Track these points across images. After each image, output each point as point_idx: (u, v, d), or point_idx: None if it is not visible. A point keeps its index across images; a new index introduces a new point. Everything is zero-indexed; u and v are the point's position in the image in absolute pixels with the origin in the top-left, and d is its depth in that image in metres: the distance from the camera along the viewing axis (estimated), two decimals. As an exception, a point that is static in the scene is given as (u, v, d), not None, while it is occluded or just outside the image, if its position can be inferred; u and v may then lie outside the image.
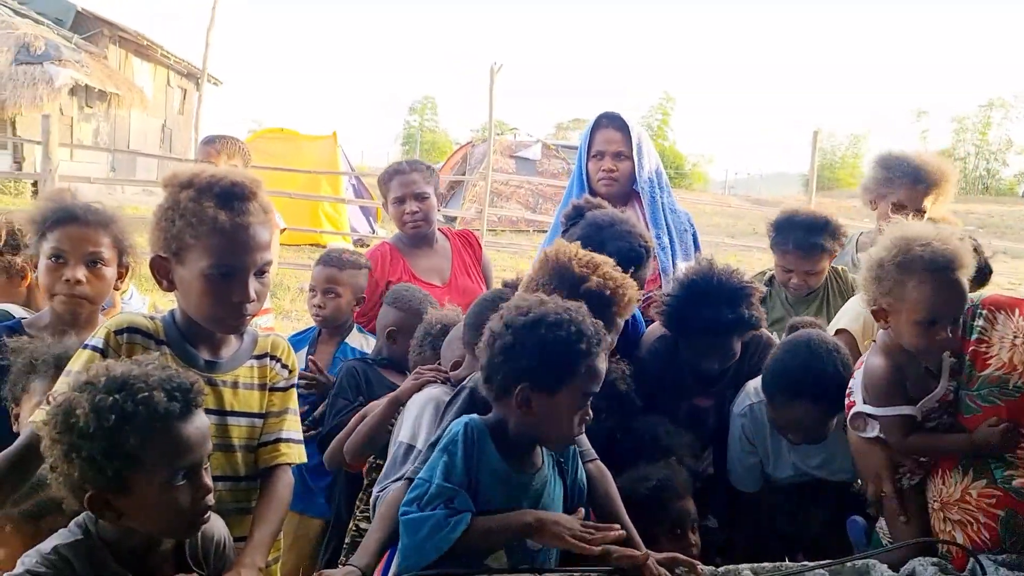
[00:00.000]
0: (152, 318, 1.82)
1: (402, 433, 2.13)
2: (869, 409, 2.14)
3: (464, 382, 2.01)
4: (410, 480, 1.78)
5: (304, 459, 1.92)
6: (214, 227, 1.70)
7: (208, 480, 1.48)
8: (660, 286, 2.95)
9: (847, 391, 2.24)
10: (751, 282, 2.47)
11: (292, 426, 1.90)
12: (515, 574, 1.70)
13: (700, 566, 1.77)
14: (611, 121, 3.21)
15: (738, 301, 2.34)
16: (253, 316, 1.79)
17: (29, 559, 1.42)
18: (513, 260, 11.71)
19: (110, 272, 2.22)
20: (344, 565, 1.68)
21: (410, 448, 2.06)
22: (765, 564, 1.85)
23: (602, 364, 1.72)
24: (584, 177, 3.24)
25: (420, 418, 2.09)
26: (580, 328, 1.68)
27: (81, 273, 2.15)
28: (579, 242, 2.36)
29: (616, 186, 3.17)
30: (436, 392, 2.17)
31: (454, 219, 13.78)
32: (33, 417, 1.66)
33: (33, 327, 2.22)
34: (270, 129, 14.71)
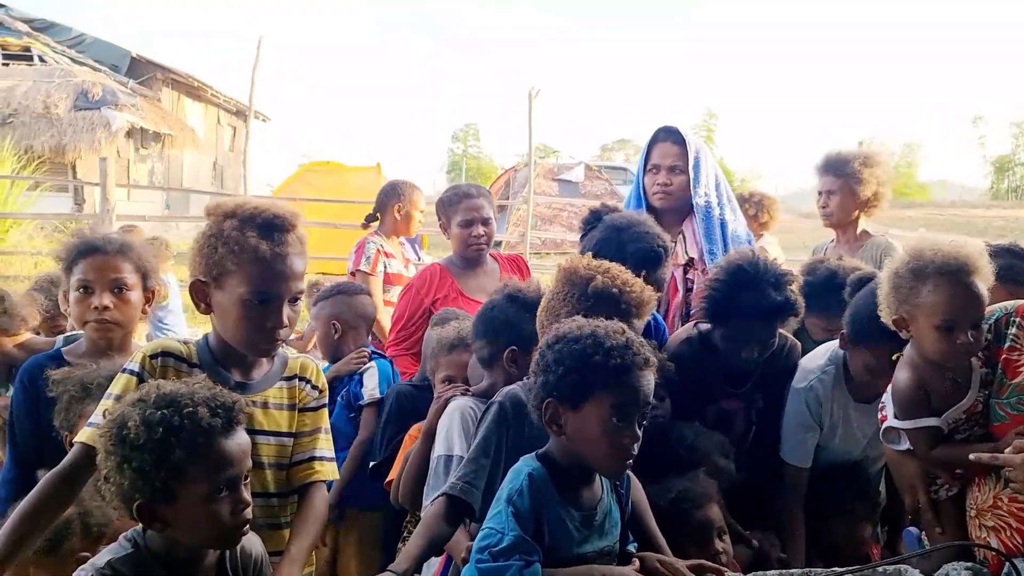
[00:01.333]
0: (185, 343, 1.92)
1: (437, 448, 2.19)
2: (896, 423, 2.14)
3: (495, 396, 2.02)
4: (448, 496, 1.83)
5: (336, 476, 2.00)
6: (255, 256, 1.78)
7: (247, 494, 1.55)
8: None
9: (880, 404, 2.24)
10: (791, 270, 2.49)
11: (324, 444, 1.96)
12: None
13: (728, 573, 1.78)
14: (669, 135, 3.23)
15: (783, 285, 2.35)
16: (285, 341, 1.87)
17: (85, 572, 1.50)
18: (557, 282, 11.73)
19: (135, 296, 2.33)
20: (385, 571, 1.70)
21: (448, 459, 2.12)
22: (794, 571, 1.84)
23: (637, 378, 1.64)
24: (641, 191, 3.27)
25: (451, 429, 2.15)
26: (599, 340, 1.65)
27: (108, 299, 2.26)
28: (597, 245, 2.42)
29: (670, 200, 3.18)
30: (460, 402, 2.23)
31: (499, 243, 13.88)
32: (78, 436, 1.77)
33: (72, 355, 2.35)
34: (316, 162, 15.11)
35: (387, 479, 2.53)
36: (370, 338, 3.30)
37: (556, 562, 1.63)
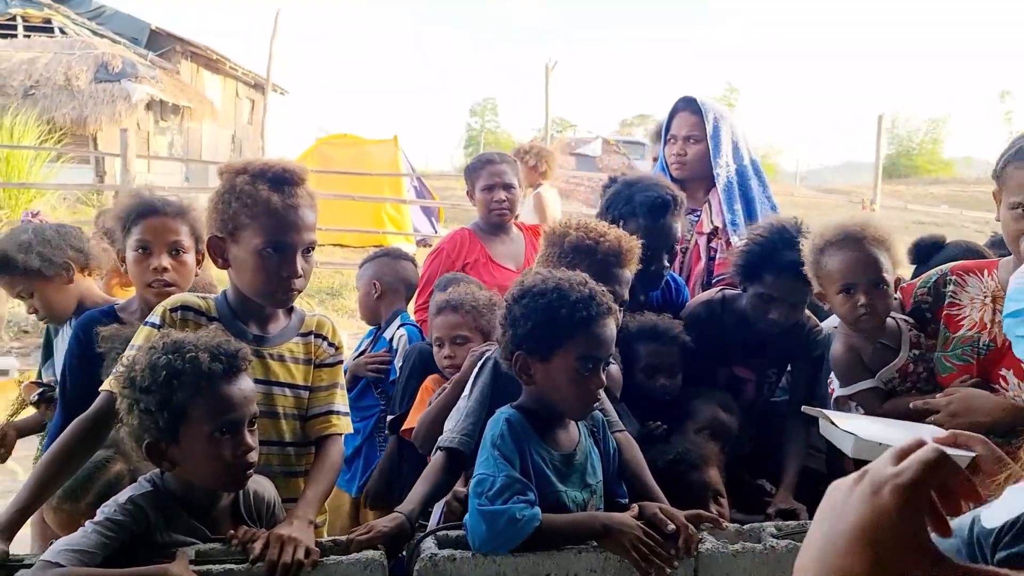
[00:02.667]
0: (204, 298, 1.99)
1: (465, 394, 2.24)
2: (840, 391, 2.29)
3: (487, 353, 2.10)
4: (447, 449, 1.91)
5: (351, 430, 2.07)
6: (267, 207, 1.86)
7: (251, 439, 1.63)
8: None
9: (829, 379, 2.39)
10: None
11: (341, 400, 2.04)
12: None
13: (724, 522, 1.84)
14: (687, 105, 3.26)
15: None
16: (300, 291, 1.93)
17: (108, 508, 1.59)
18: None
19: (190, 259, 2.39)
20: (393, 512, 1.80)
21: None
22: (790, 522, 1.90)
23: (600, 328, 1.73)
24: (664, 163, 3.31)
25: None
26: (564, 294, 1.73)
27: (166, 261, 2.32)
28: (608, 200, 2.51)
29: (685, 170, 3.21)
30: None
31: (516, 216, 13.92)
32: (104, 385, 1.85)
33: (125, 312, 2.41)
34: (334, 135, 15.12)
35: (403, 427, 2.60)
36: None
37: (541, 500, 1.71)
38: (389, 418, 2.81)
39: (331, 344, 2.05)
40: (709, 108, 3.22)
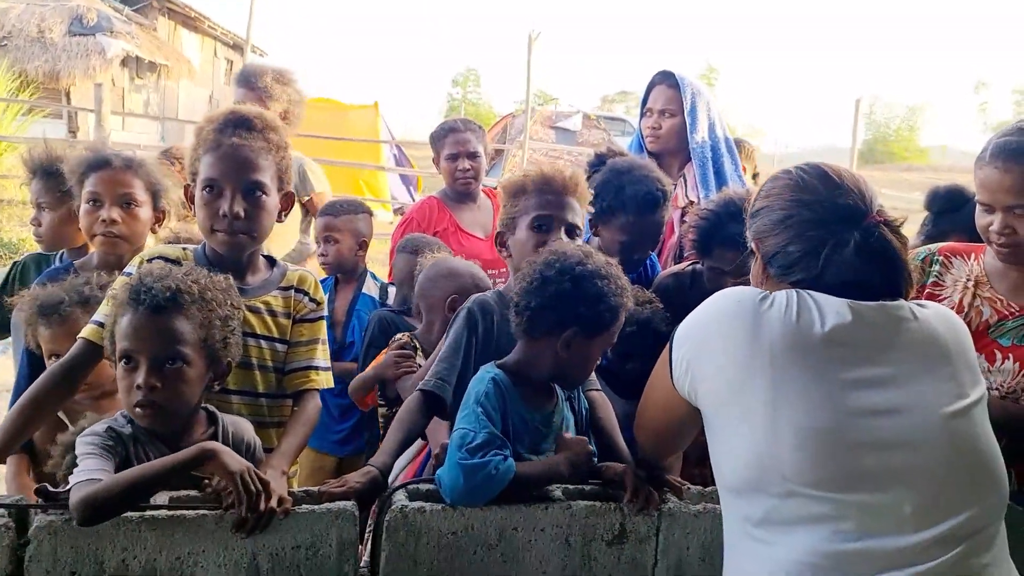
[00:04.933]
0: (184, 248, 2.00)
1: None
2: None
3: (466, 303, 2.11)
4: (422, 391, 1.95)
5: (331, 384, 2.09)
6: (210, 146, 1.90)
7: (144, 378, 1.62)
8: None
9: None
10: None
11: (322, 355, 2.05)
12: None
13: (687, 486, 1.90)
14: (665, 79, 3.25)
15: None
16: (251, 237, 1.94)
17: (91, 437, 1.62)
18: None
19: (144, 213, 2.39)
20: (366, 465, 1.83)
21: None
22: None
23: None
24: (639, 134, 3.31)
25: None
26: (621, 283, 1.83)
27: (116, 213, 2.32)
28: (598, 188, 2.46)
29: (659, 143, 3.21)
30: None
31: (494, 188, 13.91)
32: (82, 332, 1.88)
33: (84, 268, 2.40)
34: (314, 99, 14.90)
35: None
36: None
37: (519, 458, 1.76)
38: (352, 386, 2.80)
39: (312, 299, 2.05)
40: (687, 83, 3.22)
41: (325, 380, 2.04)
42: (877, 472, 1.39)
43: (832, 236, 1.51)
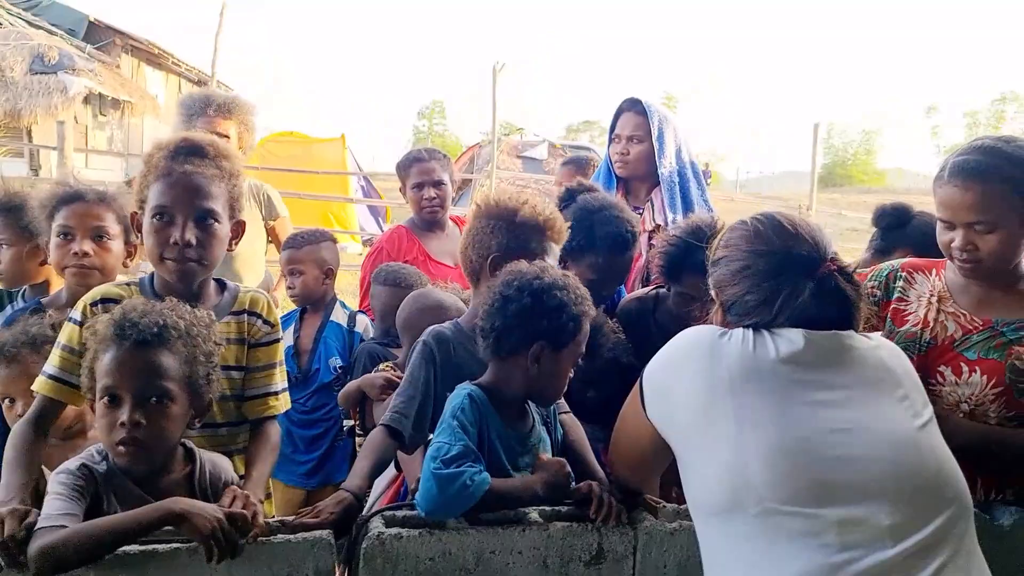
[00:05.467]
0: (128, 285, 1.98)
1: None
2: None
3: (422, 336, 2.12)
4: (384, 426, 1.96)
5: (289, 406, 2.08)
6: (160, 174, 1.89)
7: (128, 415, 1.59)
8: None
9: None
10: None
11: (279, 379, 2.04)
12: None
13: (663, 504, 1.91)
14: (632, 105, 3.32)
15: None
16: (202, 265, 1.91)
17: (63, 476, 1.60)
18: (519, 257, 11.84)
19: (116, 246, 2.37)
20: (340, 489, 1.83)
21: None
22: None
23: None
24: (607, 160, 3.36)
25: None
26: (580, 292, 1.87)
27: (88, 246, 2.30)
28: (568, 226, 2.47)
29: (628, 168, 3.27)
30: None
31: (463, 217, 13.94)
32: (36, 387, 1.86)
33: (52, 306, 2.37)
34: (280, 133, 14.93)
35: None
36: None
37: (496, 474, 1.77)
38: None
39: (267, 322, 2.02)
40: (655, 110, 3.30)
41: (284, 403, 2.04)
42: (849, 486, 1.43)
43: (787, 285, 1.59)
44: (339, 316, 3.25)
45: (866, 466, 1.44)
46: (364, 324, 3.23)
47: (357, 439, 2.71)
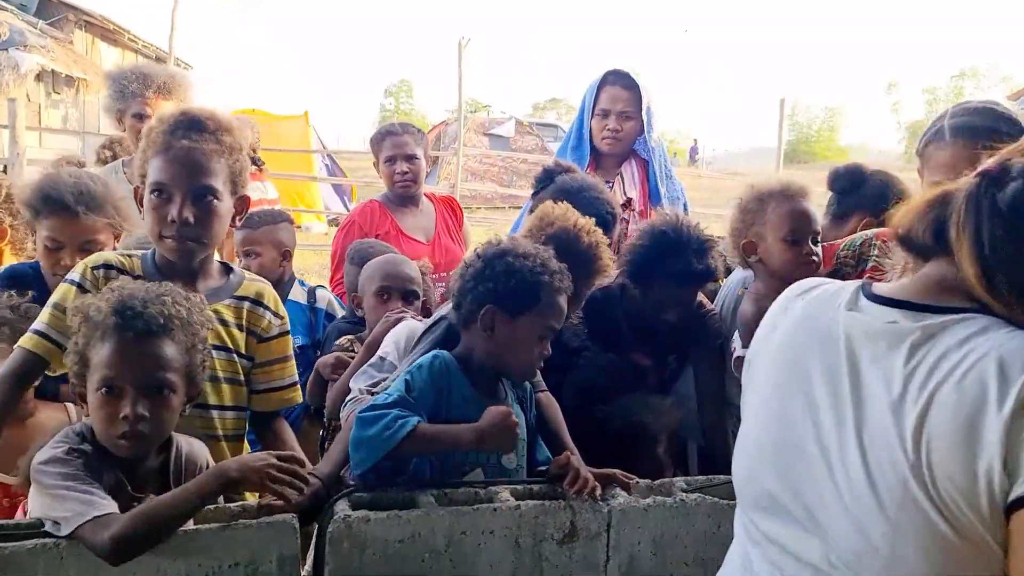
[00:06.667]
0: (130, 255, 1.91)
1: (376, 354, 2.22)
2: (740, 352, 2.33)
3: (444, 313, 2.06)
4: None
5: (301, 399, 2.10)
6: (158, 149, 1.82)
7: (132, 408, 1.53)
8: None
9: (732, 344, 2.43)
10: (712, 235, 2.52)
11: (293, 371, 2.04)
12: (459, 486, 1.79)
13: (636, 479, 1.88)
14: (619, 79, 3.23)
15: (705, 252, 2.38)
16: (201, 244, 1.85)
17: (55, 461, 1.51)
18: (487, 234, 11.79)
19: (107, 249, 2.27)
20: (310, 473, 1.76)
21: (381, 359, 2.16)
22: (699, 477, 1.96)
23: (563, 302, 1.84)
24: (585, 133, 3.26)
25: (397, 341, 2.19)
26: (545, 262, 1.82)
27: (79, 258, 2.16)
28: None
29: (619, 145, 3.21)
30: (410, 323, 2.27)
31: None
32: (20, 341, 1.80)
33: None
34: (241, 110, 14.64)
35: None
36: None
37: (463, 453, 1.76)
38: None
39: (275, 315, 2.00)
40: (643, 85, 3.23)
41: (300, 394, 2.07)
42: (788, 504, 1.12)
43: None
44: (298, 295, 3.16)
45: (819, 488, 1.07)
46: (326, 299, 3.15)
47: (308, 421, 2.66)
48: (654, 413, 2.20)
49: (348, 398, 2.09)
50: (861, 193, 2.78)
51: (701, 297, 2.52)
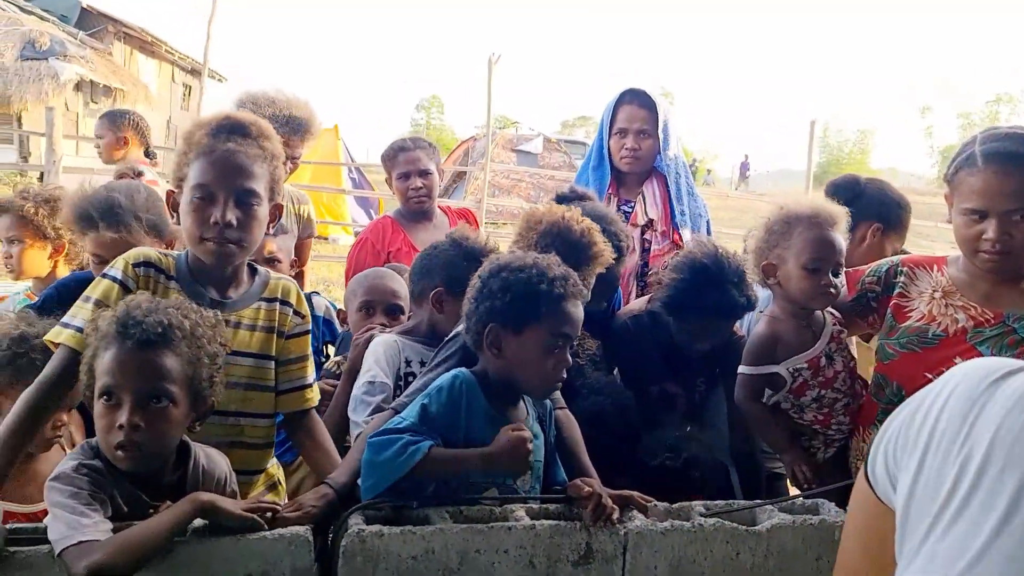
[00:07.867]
0: (166, 255, 1.90)
1: (360, 378, 2.20)
2: (744, 369, 2.33)
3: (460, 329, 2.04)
4: (395, 411, 1.87)
5: (319, 398, 2.07)
6: (201, 151, 1.82)
7: (125, 419, 1.53)
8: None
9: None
10: (736, 252, 2.51)
11: (311, 371, 2.03)
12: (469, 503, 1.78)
13: (653, 502, 1.85)
14: (636, 97, 3.21)
15: (744, 283, 2.38)
16: (241, 247, 1.84)
17: (66, 480, 1.49)
18: (513, 251, 11.79)
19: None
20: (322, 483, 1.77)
21: (371, 383, 2.14)
22: (718, 501, 1.93)
23: (572, 307, 1.77)
24: (605, 152, 3.25)
25: (377, 360, 2.17)
26: (544, 270, 1.76)
27: None
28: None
29: (638, 164, 3.18)
30: (383, 338, 2.26)
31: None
32: (60, 338, 1.77)
33: None
34: (273, 123, 14.78)
35: None
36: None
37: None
38: None
39: (297, 313, 1.99)
40: (660, 102, 3.21)
41: (317, 396, 2.03)
42: None
43: None
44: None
45: None
46: (323, 306, 3.13)
47: None
48: (687, 441, 2.21)
49: (356, 433, 2.06)
50: (862, 203, 2.76)
51: None
